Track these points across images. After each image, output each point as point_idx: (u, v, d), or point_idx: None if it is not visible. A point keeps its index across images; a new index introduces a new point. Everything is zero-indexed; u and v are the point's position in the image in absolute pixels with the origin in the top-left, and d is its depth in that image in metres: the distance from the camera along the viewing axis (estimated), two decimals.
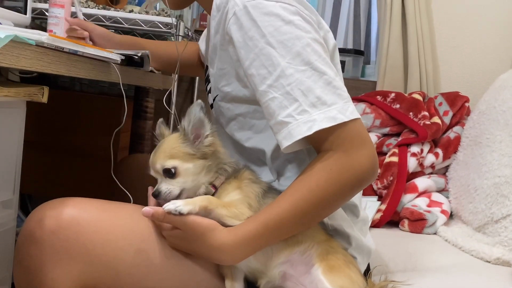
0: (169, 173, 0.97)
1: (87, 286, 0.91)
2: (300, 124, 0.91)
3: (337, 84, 0.94)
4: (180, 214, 0.91)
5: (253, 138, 1.09)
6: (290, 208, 0.92)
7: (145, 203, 1.01)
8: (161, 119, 1.06)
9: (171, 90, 1.99)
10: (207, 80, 1.17)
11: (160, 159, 0.99)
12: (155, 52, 1.45)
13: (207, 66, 1.20)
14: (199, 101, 1.01)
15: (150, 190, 1.02)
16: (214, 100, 1.12)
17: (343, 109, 0.92)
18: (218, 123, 1.15)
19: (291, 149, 0.94)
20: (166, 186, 0.97)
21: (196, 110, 0.99)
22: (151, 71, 1.43)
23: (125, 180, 1.44)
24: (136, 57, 1.21)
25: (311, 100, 0.92)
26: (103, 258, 0.91)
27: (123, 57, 1.21)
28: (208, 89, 1.17)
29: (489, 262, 1.53)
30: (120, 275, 0.93)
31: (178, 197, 0.97)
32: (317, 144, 0.95)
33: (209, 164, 1.00)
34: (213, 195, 0.99)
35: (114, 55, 1.16)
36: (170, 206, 0.91)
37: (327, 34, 1.07)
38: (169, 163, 0.97)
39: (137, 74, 1.35)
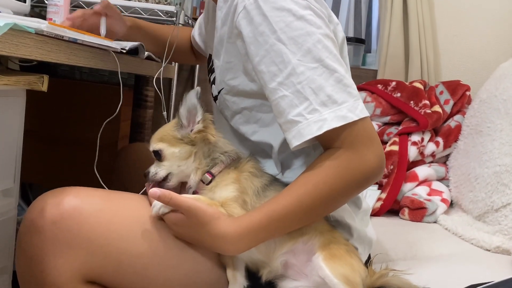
0: (157, 156, 1.00)
1: (89, 275, 0.91)
2: (310, 123, 0.91)
3: (348, 81, 0.93)
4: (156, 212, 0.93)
5: (259, 132, 1.08)
6: (295, 202, 0.92)
7: (145, 193, 1.01)
8: (198, 88, 1.04)
9: (171, 80, 1.99)
10: (211, 71, 1.16)
11: (152, 141, 1.02)
12: (154, 34, 1.44)
13: (210, 56, 1.18)
14: (197, 88, 1.02)
15: (147, 185, 1.02)
16: (219, 92, 1.12)
17: (353, 107, 0.91)
18: (222, 115, 1.14)
19: (300, 147, 0.94)
20: (154, 168, 1.00)
21: (191, 96, 1.00)
22: (150, 58, 1.42)
23: (125, 169, 1.44)
24: (124, 51, 1.20)
25: (322, 99, 0.91)
26: (105, 248, 0.91)
27: (126, 48, 1.20)
28: (212, 80, 1.16)
29: (489, 250, 1.53)
30: (123, 265, 0.92)
31: (164, 180, 1.00)
32: (325, 142, 0.94)
33: (196, 151, 1.00)
34: (209, 182, 0.99)
35: (114, 44, 1.16)
36: (156, 207, 0.93)
37: (336, 27, 1.06)
38: (157, 146, 1.00)
39: (136, 63, 1.35)
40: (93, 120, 1.62)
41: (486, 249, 1.54)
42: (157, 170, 1.00)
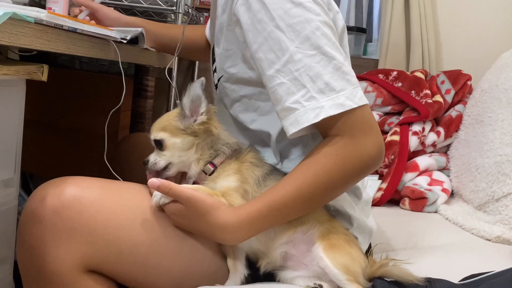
0: (159, 145, 1.00)
1: (90, 265, 0.92)
2: (307, 111, 0.91)
3: (346, 69, 0.93)
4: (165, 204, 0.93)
5: (258, 120, 1.08)
6: (294, 191, 0.92)
7: (143, 181, 1.01)
8: (202, 78, 1.03)
9: (171, 69, 1.98)
10: (214, 61, 1.16)
11: (153, 130, 1.01)
12: (159, 34, 1.44)
13: (213, 46, 1.18)
14: (202, 78, 1.02)
15: (148, 175, 1.01)
16: (218, 80, 1.11)
17: (351, 95, 0.91)
18: (222, 103, 1.14)
19: (297, 135, 0.93)
20: (154, 157, 1.00)
21: (196, 86, 1.00)
22: (146, 48, 1.41)
23: (125, 159, 1.44)
24: (125, 41, 1.19)
25: (319, 86, 0.91)
26: (105, 237, 0.91)
27: (127, 38, 1.19)
28: (213, 68, 1.15)
29: (490, 240, 1.53)
30: (123, 254, 0.93)
31: (164, 169, 1.00)
32: (324, 130, 0.94)
33: (198, 142, 1.00)
34: (211, 173, 0.99)
35: (114, 33, 1.15)
36: (156, 197, 0.93)
37: (336, 16, 1.06)
38: (158, 135, 1.00)
39: (136, 52, 1.34)
40: (93, 110, 1.63)
41: (486, 239, 1.54)
42: (156, 160, 1.00)
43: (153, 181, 0.92)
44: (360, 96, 0.92)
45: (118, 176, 1.14)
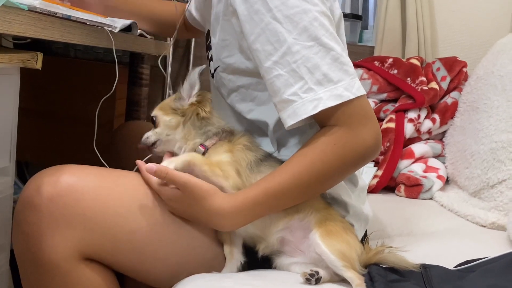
0: (153, 122, 1.05)
1: (87, 252, 0.92)
2: (305, 102, 0.91)
3: (344, 59, 0.93)
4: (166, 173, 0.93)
5: (255, 110, 1.08)
6: (291, 179, 0.93)
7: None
8: (204, 65, 1.07)
9: (166, 57, 1.97)
10: (209, 48, 1.15)
11: (154, 109, 1.07)
12: (150, 12, 1.42)
13: (208, 32, 1.17)
14: (203, 65, 1.05)
15: (140, 163, 1.01)
16: (215, 70, 1.11)
17: (349, 85, 0.91)
18: (219, 92, 1.14)
19: (295, 126, 0.94)
20: (148, 133, 1.05)
21: (195, 72, 1.03)
22: (142, 35, 1.40)
23: (121, 148, 1.44)
24: (115, 31, 1.18)
25: (317, 78, 0.90)
26: (102, 225, 0.91)
27: (116, 28, 1.18)
28: (209, 57, 1.15)
29: (484, 226, 1.54)
30: (120, 242, 0.93)
31: (153, 145, 1.05)
32: (321, 121, 0.94)
33: (184, 121, 1.03)
34: (203, 154, 1.00)
35: (108, 20, 1.14)
36: (153, 167, 0.93)
37: (333, 4, 1.05)
38: (154, 113, 1.06)
39: (131, 40, 1.33)
40: (88, 98, 1.62)
41: (481, 225, 1.55)
42: (149, 135, 1.04)
43: (150, 165, 0.92)
44: (357, 87, 0.92)
45: (105, 164, 1.14)
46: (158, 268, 0.96)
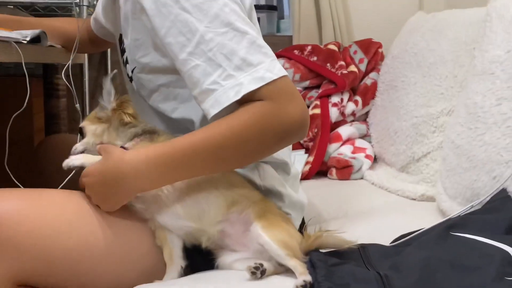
0: (81, 133, 1.06)
1: (20, 279, 0.88)
2: (226, 90, 0.89)
3: (261, 42, 0.92)
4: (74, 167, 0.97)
5: (179, 108, 1.06)
6: (205, 138, 0.91)
7: (68, 185, 0.98)
8: (115, 70, 1.07)
9: (81, 65, 1.90)
10: (123, 51, 1.12)
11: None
12: (55, 32, 1.36)
13: (120, 36, 1.14)
14: (115, 70, 1.04)
15: None
16: (132, 72, 1.08)
17: (270, 67, 0.90)
18: (138, 95, 1.10)
19: (219, 116, 0.91)
20: (76, 144, 1.05)
21: (107, 80, 1.02)
22: (51, 45, 1.34)
23: (45, 164, 1.38)
24: (25, 41, 1.13)
25: (236, 63, 0.89)
26: (32, 249, 0.87)
27: (27, 39, 1.13)
28: (125, 60, 1.11)
29: (415, 199, 1.60)
30: (53, 263, 0.89)
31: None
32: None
33: (108, 126, 1.03)
34: None
35: (14, 34, 1.09)
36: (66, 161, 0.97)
37: None
38: (82, 124, 1.06)
39: (41, 51, 1.27)
40: (2, 116, 1.53)
41: (412, 199, 1.61)
42: (76, 146, 1.04)
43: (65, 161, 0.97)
44: (279, 68, 0.91)
45: (19, 184, 1.10)
46: (97, 284, 0.93)
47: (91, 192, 0.95)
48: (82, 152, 1.03)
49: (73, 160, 0.99)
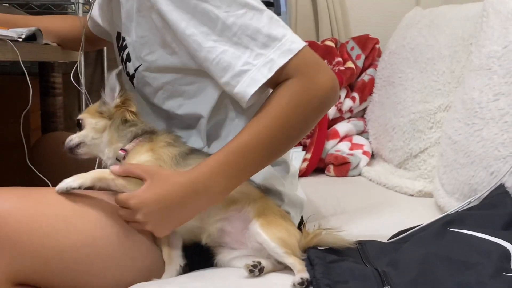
0: (79, 125, 1.03)
1: (17, 278, 0.87)
2: (260, 68, 0.91)
3: (277, 17, 0.94)
4: (72, 189, 0.91)
5: (185, 105, 1.05)
6: (254, 136, 0.92)
7: None
8: (120, 67, 1.07)
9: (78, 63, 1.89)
10: (122, 49, 1.11)
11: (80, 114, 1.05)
12: (53, 31, 1.35)
13: (118, 34, 1.13)
14: (120, 67, 1.05)
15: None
16: (136, 70, 1.07)
17: (293, 37, 0.92)
18: (139, 94, 1.10)
19: (254, 99, 0.93)
20: (72, 135, 1.03)
21: (112, 75, 1.02)
22: (47, 43, 1.34)
23: (42, 163, 1.37)
24: (21, 39, 1.12)
25: (262, 41, 0.91)
26: (29, 248, 0.87)
27: (23, 36, 1.12)
28: (125, 57, 1.11)
29: (413, 195, 1.60)
30: (50, 262, 0.89)
31: (77, 147, 1.02)
32: (277, 82, 0.94)
33: (110, 125, 1.01)
34: (123, 158, 0.99)
35: (10, 32, 1.08)
36: (60, 185, 0.91)
37: None
38: (80, 116, 1.04)
39: (37, 49, 1.27)
40: (1, 114, 1.53)
41: (409, 195, 1.61)
42: (72, 137, 1.02)
43: (113, 167, 0.94)
44: (299, 38, 0.93)
45: (46, 180, 1.11)
46: (95, 284, 0.93)
47: (149, 220, 0.93)
48: (78, 144, 1.01)
49: (69, 183, 0.91)
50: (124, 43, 1.09)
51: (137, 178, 0.93)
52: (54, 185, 1.01)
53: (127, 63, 1.10)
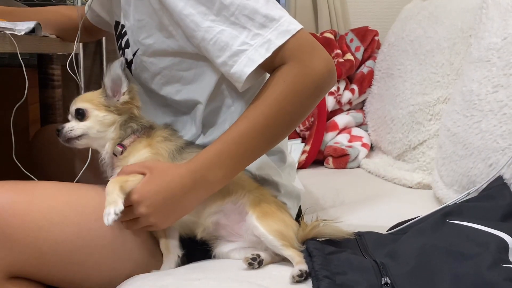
0: (79, 114, 0.98)
1: (12, 271, 0.88)
2: (257, 48, 0.91)
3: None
4: (116, 214, 0.85)
5: (183, 90, 1.05)
6: (250, 124, 0.92)
7: (63, 175, 0.97)
8: (122, 58, 1.03)
9: (77, 54, 1.88)
10: (120, 36, 1.11)
11: (77, 102, 0.99)
12: (50, 22, 1.35)
13: (117, 23, 1.13)
14: (121, 58, 1.01)
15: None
16: (134, 55, 1.07)
17: (290, 19, 0.93)
18: (140, 79, 1.10)
19: (251, 81, 0.93)
20: (72, 124, 0.98)
21: (116, 66, 0.99)
22: (46, 35, 1.34)
23: (40, 155, 1.37)
24: (19, 34, 1.12)
25: (259, 21, 0.91)
26: (24, 241, 0.87)
27: (22, 32, 1.12)
28: (123, 45, 1.11)
29: (411, 187, 1.61)
30: (45, 255, 0.89)
31: (77, 138, 0.98)
32: (273, 65, 0.94)
33: (119, 120, 0.99)
34: (121, 154, 0.98)
35: (8, 24, 1.08)
36: (109, 218, 0.85)
37: None
38: (83, 105, 0.98)
39: (36, 41, 1.26)
40: None
41: (408, 186, 1.62)
42: (74, 127, 0.97)
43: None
44: (296, 21, 0.93)
45: (30, 175, 1.08)
46: (92, 276, 0.93)
47: (152, 211, 0.92)
48: (80, 135, 0.98)
49: (113, 214, 0.85)
50: (123, 30, 1.09)
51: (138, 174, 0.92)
52: (52, 178, 1.01)
53: (126, 49, 1.10)
